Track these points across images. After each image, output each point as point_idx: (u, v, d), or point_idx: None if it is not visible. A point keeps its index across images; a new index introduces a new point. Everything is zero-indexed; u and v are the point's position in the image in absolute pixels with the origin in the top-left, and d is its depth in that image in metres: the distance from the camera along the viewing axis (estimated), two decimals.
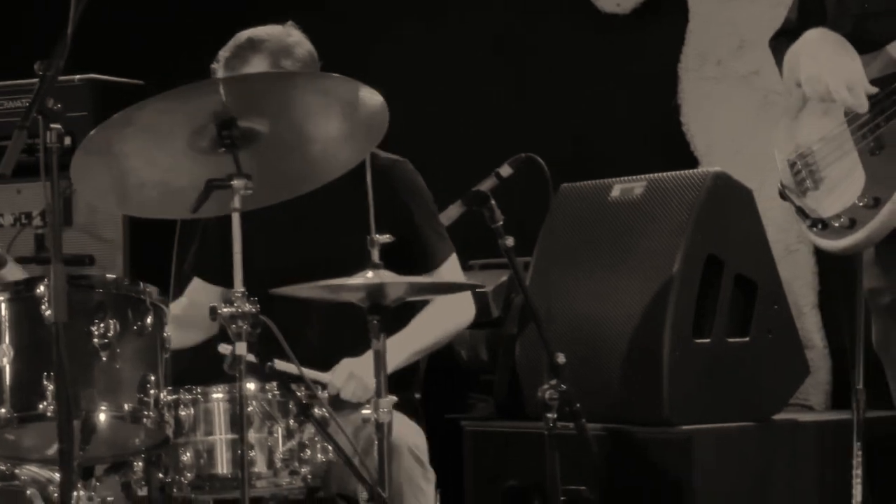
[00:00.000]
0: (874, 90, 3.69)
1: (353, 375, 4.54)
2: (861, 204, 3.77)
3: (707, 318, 4.97)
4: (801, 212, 3.92)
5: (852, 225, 3.80)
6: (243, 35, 4.96)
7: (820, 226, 3.90)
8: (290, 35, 5.03)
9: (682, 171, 5.25)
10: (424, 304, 4.82)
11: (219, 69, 4.90)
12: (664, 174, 5.23)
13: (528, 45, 6.79)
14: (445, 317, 4.93)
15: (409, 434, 4.59)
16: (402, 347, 4.74)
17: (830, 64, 3.78)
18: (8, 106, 6.31)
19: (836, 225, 3.83)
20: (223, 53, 4.92)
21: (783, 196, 3.99)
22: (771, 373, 5.12)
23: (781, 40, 3.99)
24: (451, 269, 4.88)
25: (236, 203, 3.86)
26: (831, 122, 3.90)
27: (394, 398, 4.33)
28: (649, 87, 6.38)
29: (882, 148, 3.78)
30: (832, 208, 3.89)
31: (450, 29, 6.73)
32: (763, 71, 5.79)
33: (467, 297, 4.93)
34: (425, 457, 4.62)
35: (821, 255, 5.68)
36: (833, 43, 3.81)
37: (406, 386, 4.86)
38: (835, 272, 5.56)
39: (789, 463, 5.00)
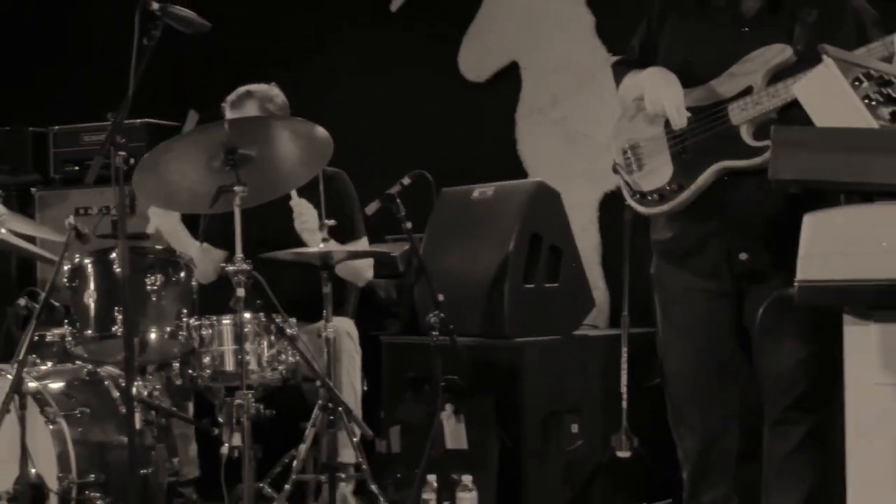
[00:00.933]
0: (688, 114, 3.72)
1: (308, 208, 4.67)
2: (668, 188, 3.81)
3: (531, 271, 5.04)
4: (627, 185, 3.94)
5: (661, 199, 3.82)
6: (243, 88, 5.08)
7: (638, 196, 3.90)
8: (272, 90, 5.10)
9: (517, 181, 5.46)
10: None
11: (226, 108, 5.04)
12: (506, 182, 5.37)
13: (425, 96, 6.53)
14: (358, 270, 5.14)
15: (347, 326, 4.86)
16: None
17: (666, 91, 3.77)
18: (92, 139, 6.34)
19: (650, 199, 3.85)
20: (230, 98, 5.06)
21: (615, 171, 3.99)
22: (571, 305, 5.24)
23: (622, 67, 4.05)
24: (364, 243, 5.14)
25: (237, 202, 4.02)
26: (656, 128, 3.84)
27: (336, 322, 4.52)
28: (499, 127, 6.36)
29: (686, 153, 3.77)
30: (648, 186, 3.86)
31: (370, 88, 6.55)
32: (569, 117, 6.00)
33: (371, 260, 5.20)
34: (356, 338, 4.87)
35: (603, 232, 5.90)
36: (667, 77, 3.80)
37: (344, 306, 5.15)
38: (613, 244, 5.63)
39: (583, 361, 5.11)
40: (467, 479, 4.47)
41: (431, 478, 4.50)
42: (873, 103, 2.94)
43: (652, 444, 4.57)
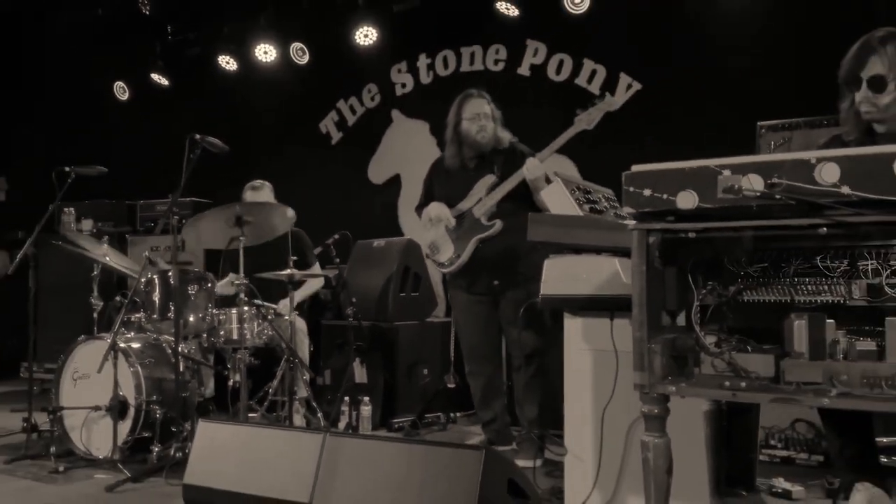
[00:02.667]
0: (454, 220, 3.91)
1: None
2: (453, 256, 3.93)
3: (404, 286, 4.99)
4: (437, 262, 4.02)
5: (451, 264, 3.94)
6: (257, 181, 4.93)
7: (440, 265, 4.02)
8: (262, 186, 4.95)
9: (398, 237, 5.32)
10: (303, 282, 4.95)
11: (248, 190, 4.91)
12: (392, 238, 5.27)
13: (350, 190, 6.25)
14: (312, 285, 4.98)
15: (301, 323, 4.67)
16: (301, 294, 4.84)
17: (441, 211, 3.95)
18: (161, 208, 6.19)
19: (448, 265, 3.95)
20: (254, 184, 4.91)
21: (427, 256, 4.14)
22: (425, 305, 5.17)
23: (420, 208, 4.11)
24: (316, 269, 4.92)
25: (242, 244, 3.99)
26: (440, 230, 3.96)
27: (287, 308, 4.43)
28: (390, 208, 6.13)
29: (457, 238, 3.90)
30: (443, 259, 3.97)
31: (319, 184, 6.19)
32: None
33: (321, 279, 5.03)
34: (305, 329, 4.74)
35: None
36: (440, 205, 3.97)
37: (304, 308, 4.96)
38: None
39: (430, 335, 5.00)
40: (366, 399, 4.56)
41: (346, 398, 4.54)
42: (580, 202, 3.11)
43: (464, 379, 4.41)
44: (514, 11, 5.40)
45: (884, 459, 2.95)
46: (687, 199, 1.88)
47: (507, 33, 5.60)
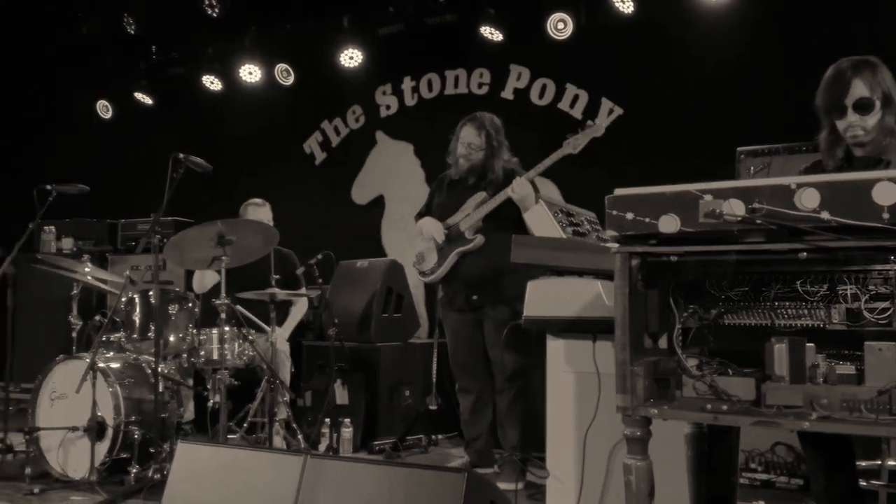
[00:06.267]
0: (444, 234, 3.96)
1: None
2: (435, 266, 3.97)
3: (387, 307, 4.99)
4: (420, 271, 4.06)
5: (431, 273, 4.00)
6: (258, 199, 4.96)
7: (421, 274, 4.07)
8: (264, 205, 4.98)
9: (381, 258, 5.37)
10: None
11: (248, 208, 4.91)
12: (375, 259, 5.29)
13: (334, 211, 6.27)
14: (300, 308, 5.03)
15: (284, 345, 4.69)
16: (294, 321, 4.96)
17: (435, 227, 4.00)
18: (142, 227, 6.18)
19: (429, 273, 4.00)
20: (252, 202, 4.93)
21: (415, 265, 4.11)
22: (407, 326, 5.18)
23: (419, 216, 4.16)
24: (302, 289, 4.90)
25: (223, 264, 3.91)
26: (428, 243, 4.02)
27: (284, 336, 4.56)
28: (372, 229, 6.14)
29: (442, 251, 3.94)
30: (426, 268, 4.02)
31: (304, 204, 6.15)
32: (408, 227, 5.44)
33: (306, 299, 5.06)
34: (287, 350, 4.73)
35: (426, 287, 5.42)
36: (433, 220, 4.03)
37: (282, 323, 4.88)
38: (430, 295, 5.39)
39: (412, 356, 4.97)
40: (347, 421, 4.55)
41: (327, 420, 4.50)
42: (563, 225, 3.18)
43: (447, 401, 4.55)
44: (498, 36, 5.47)
45: (863, 483, 2.92)
46: (669, 224, 1.90)
47: (491, 57, 5.67)
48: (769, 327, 2.00)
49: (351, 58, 5.97)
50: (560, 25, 5.23)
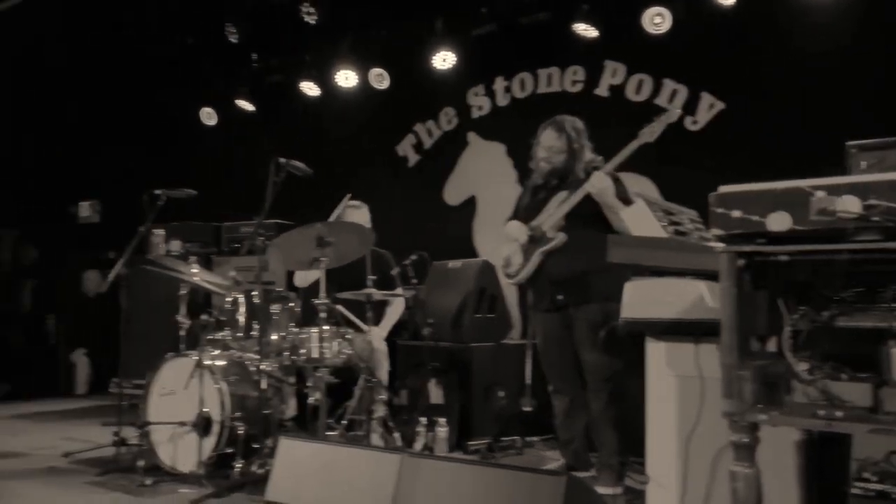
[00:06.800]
0: (526, 238, 3.92)
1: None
2: (519, 267, 3.90)
3: (480, 308, 5.01)
4: (507, 274, 4.01)
5: (517, 274, 3.92)
6: (356, 201, 4.92)
7: (508, 277, 4.01)
8: (362, 206, 5.00)
9: (473, 259, 5.36)
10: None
11: (346, 209, 4.85)
12: (468, 259, 5.29)
13: (428, 212, 6.24)
14: (397, 308, 5.00)
15: (381, 344, 4.70)
16: (391, 321, 4.94)
17: (518, 229, 3.95)
18: (246, 229, 6.27)
19: (515, 275, 3.93)
20: (353, 202, 4.88)
21: (502, 268, 4.07)
22: (500, 327, 5.16)
23: (510, 220, 4.08)
24: (397, 289, 4.89)
25: (323, 265, 3.93)
26: (513, 246, 3.96)
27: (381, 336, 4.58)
28: (465, 229, 6.11)
29: (527, 253, 3.86)
30: (512, 270, 3.95)
31: (398, 207, 6.07)
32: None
33: (402, 299, 5.01)
34: (385, 350, 4.71)
35: (519, 289, 5.16)
36: (519, 224, 3.97)
37: (379, 322, 4.88)
38: (523, 294, 5.08)
39: (505, 357, 4.89)
40: (442, 420, 4.56)
41: (423, 419, 4.55)
42: (664, 224, 3.05)
43: (542, 402, 4.42)
44: (592, 32, 5.39)
45: None
46: (780, 221, 1.83)
47: (585, 54, 5.58)
48: (886, 330, 1.88)
49: (444, 60, 5.98)
50: (657, 20, 5.12)
